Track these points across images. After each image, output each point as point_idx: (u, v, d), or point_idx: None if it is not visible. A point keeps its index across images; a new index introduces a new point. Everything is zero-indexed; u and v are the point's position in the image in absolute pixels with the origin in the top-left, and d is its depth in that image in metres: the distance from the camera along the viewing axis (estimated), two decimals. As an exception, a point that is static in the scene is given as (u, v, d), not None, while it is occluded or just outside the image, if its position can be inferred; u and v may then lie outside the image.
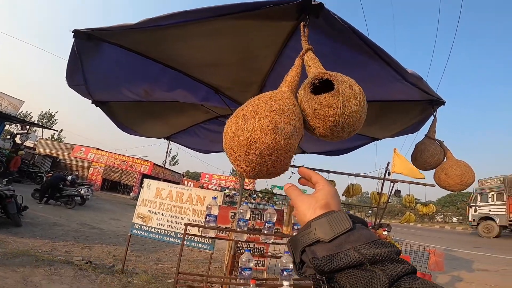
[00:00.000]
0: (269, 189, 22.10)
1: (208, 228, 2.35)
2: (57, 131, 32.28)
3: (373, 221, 4.54)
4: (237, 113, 0.72)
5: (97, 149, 20.91)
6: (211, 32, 1.47)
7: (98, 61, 1.87)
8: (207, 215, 2.32)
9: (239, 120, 0.69)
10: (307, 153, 4.15)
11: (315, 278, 0.41)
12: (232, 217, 4.37)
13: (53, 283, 3.24)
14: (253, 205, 6.57)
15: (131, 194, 19.99)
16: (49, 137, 28.56)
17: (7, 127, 16.95)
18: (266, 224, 2.41)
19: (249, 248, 4.27)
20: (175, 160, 40.34)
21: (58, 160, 20.32)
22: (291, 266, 2.27)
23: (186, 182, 27.04)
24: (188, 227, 2.48)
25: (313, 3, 1.10)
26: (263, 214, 4.54)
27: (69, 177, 10.96)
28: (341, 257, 0.38)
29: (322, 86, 0.80)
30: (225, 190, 23.60)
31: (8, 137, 17.66)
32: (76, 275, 3.62)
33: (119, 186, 22.00)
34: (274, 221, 2.48)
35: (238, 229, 2.39)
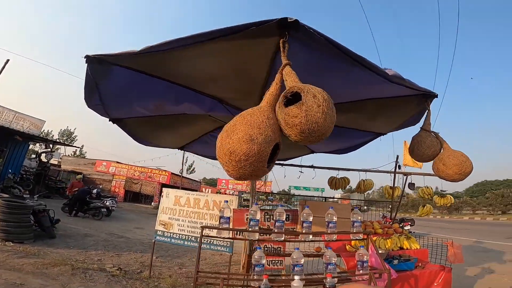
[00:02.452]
0: (287, 190, 22.04)
1: (222, 229, 2.50)
2: (79, 147, 33.60)
3: (393, 215, 4.50)
4: (223, 129, 0.90)
5: (117, 162, 21.77)
6: (207, 52, 1.63)
7: (111, 82, 2.07)
8: (220, 217, 2.48)
9: (223, 135, 0.87)
10: (316, 152, 4.23)
11: None
12: (248, 219, 4.52)
13: (89, 289, 3.52)
14: (271, 207, 6.67)
15: (152, 203, 20.60)
16: (71, 154, 29.85)
17: (31, 146, 17.97)
18: (276, 223, 2.53)
19: (266, 248, 4.39)
20: (192, 168, 41.06)
21: (77, 174, 21.38)
22: (302, 261, 2.38)
23: (203, 189, 27.50)
24: (207, 231, 2.63)
25: (289, 21, 1.22)
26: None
27: (94, 191, 11.55)
28: None
29: (296, 98, 0.94)
30: (243, 194, 23.80)
31: (34, 156, 18.74)
32: (109, 281, 3.89)
33: (140, 196, 22.75)
34: (284, 219, 2.59)
35: (250, 229, 2.53)
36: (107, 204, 10.77)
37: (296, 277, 2.30)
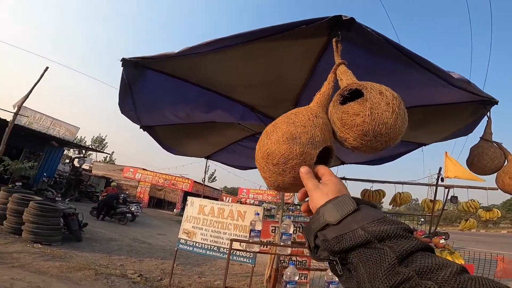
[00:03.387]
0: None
1: (253, 243, 2.38)
2: (109, 154, 35.20)
3: (428, 229, 4.21)
4: (264, 130, 0.76)
5: (143, 169, 22.46)
6: (246, 55, 1.54)
7: (144, 87, 2.03)
8: (251, 230, 2.36)
9: (263, 136, 0.73)
10: (347, 163, 4.01)
11: (329, 259, 0.43)
12: (273, 231, 4.35)
13: (111, 295, 3.50)
14: (292, 217, 6.46)
15: (174, 210, 20.96)
16: (102, 160, 31.33)
17: (65, 151, 18.99)
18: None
19: (293, 262, 4.18)
20: (213, 176, 41.53)
21: (111, 180, 22.23)
22: (336, 279, 2.19)
23: (224, 198, 27.60)
24: (233, 242, 2.52)
25: (343, 18, 1.11)
26: (305, 227, 4.44)
27: (121, 196, 11.92)
28: (350, 236, 0.40)
29: (353, 97, 0.79)
30: (263, 203, 23.54)
31: (67, 161, 19.78)
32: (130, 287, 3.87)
33: (163, 203, 23.28)
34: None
35: (281, 243, 2.38)
36: (132, 209, 11.05)
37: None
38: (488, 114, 1.85)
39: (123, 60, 1.62)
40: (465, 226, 4.22)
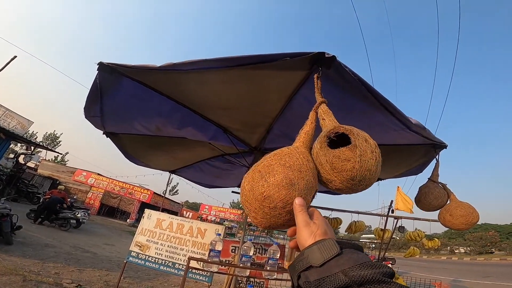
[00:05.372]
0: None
1: (211, 263, 2.31)
2: (62, 154, 32.21)
3: (377, 255, 4.47)
4: (253, 169, 0.76)
5: (98, 174, 20.84)
6: (227, 79, 1.57)
7: (116, 94, 1.94)
8: (211, 250, 2.31)
9: (255, 176, 0.73)
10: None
11: None
12: (233, 250, 4.28)
13: (39, 304, 3.12)
14: (253, 237, 6.43)
15: (128, 220, 19.60)
16: (51, 159, 28.53)
17: (11, 145, 17.01)
18: (270, 261, 2.38)
19: (251, 284, 4.12)
20: (175, 190, 39.92)
21: (58, 182, 20.19)
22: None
23: (184, 212, 26.57)
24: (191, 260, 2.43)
25: (326, 56, 1.18)
26: (265, 249, 4.43)
27: (69, 200, 10.85)
28: (330, 280, 0.42)
29: (337, 140, 0.85)
30: (224, 221, 23.06)
31: (12, 156, 17.65)
32: (64, 298, 3.48)
33: (116, 212, 21.67)
34: (278, 257, 2.45)
35: (241, 265, 2.35)
36: (78, 215, 10.08)
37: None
38: (437, 157, 2.08)
39: (100, 64, 1.54)
40: (409, 252, 4.61)
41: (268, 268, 2.36)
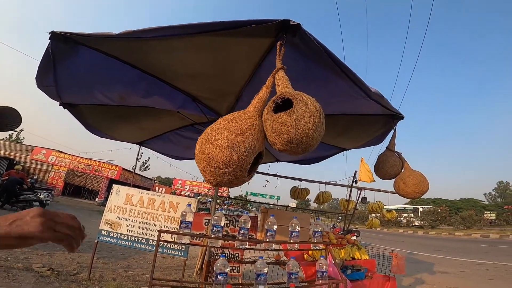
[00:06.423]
0: (244, 196, 22.07)
1: (183, 235, 2.34)
2: (17, 131, 29.63)
3: (343, 226, 4.79)
4: (204, 132, 0.82)
5: (59, 151, 19.58)
6: (192, 46, 1.52)
7: (73, 63, 1.83)
8: (181, 221, 2.32)
9: (204, 139, 0.80)
10: (281, 161, 4.27)
11: None
12: (206, 223, 4.35)
13: (12, 290, 3.03)
14: (228, 211, 6.58)
15: (96, 199, 18.89)
16: (6, 138, 26.23)
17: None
18: (241, 231, 2.46)
19: (224, 254, 4.27)
20: (146, 165, 38.74)
21: (15, 162, 18.74)
22: (265, 270, 2.35)
23: (157, 188, 26.06)
24: (163, 234, 2.45)
25: (291, 23, 1.19)
26: (238, 221, 4.57)
27: (29, 181, 10.18)
28: None
29: (286, 105, 0.90)
30: (199, 196, 23.14)
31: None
32: (37, 282, 3.40)
33: (83, 191, 20.73)
34: (249, 227, 2.53)
35: (212, 236, 2.41)
36: (40, 197, 9.54)
37: (260, 287, 2.26)
38: (394, 127, 2.22)
39: (52, 33, 1.44)
40: (369, 224, 4.96)
41: (240, 238, 2.44)
